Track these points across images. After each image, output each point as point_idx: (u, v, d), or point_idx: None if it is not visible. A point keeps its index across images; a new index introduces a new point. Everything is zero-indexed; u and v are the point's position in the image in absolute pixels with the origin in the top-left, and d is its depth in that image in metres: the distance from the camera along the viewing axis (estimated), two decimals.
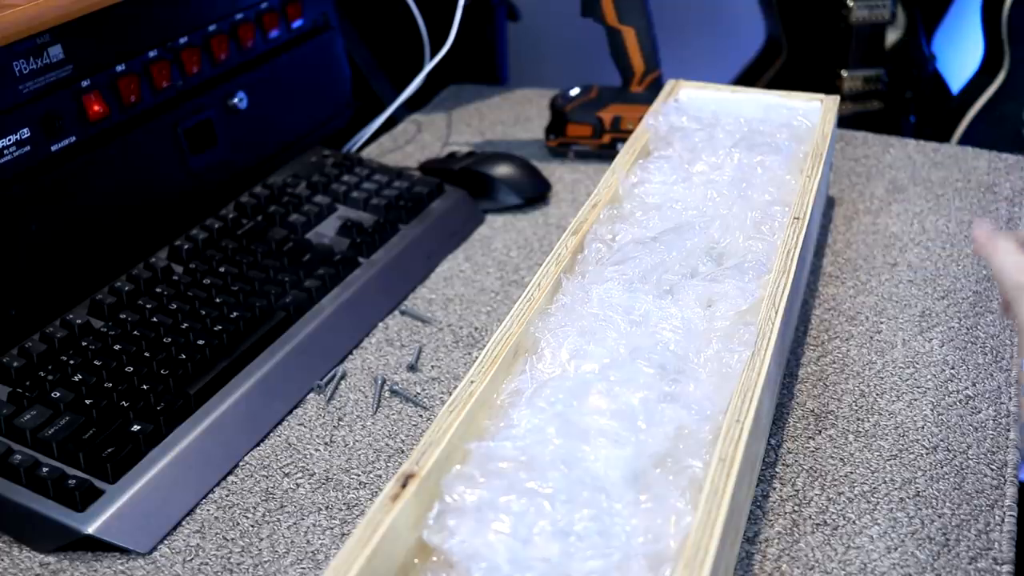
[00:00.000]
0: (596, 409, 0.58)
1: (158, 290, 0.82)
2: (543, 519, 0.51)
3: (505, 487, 0.53)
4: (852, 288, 0.87)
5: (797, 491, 0.66)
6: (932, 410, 0.73)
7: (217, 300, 0.81)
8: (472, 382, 0.60)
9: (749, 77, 1.79)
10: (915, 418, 0.72)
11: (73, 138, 0.82)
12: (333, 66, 1.10)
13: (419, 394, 0.77)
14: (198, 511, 0.68)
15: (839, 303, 0.85)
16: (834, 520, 0.64)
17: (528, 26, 1.46)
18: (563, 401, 0.58)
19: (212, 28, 0.93)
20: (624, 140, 0.91)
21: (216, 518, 0.67)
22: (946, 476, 0.67)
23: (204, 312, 0.79)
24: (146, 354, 0.74)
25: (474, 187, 1.02)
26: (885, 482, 0.67)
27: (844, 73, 1.69)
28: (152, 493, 0.67)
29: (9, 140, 0.76)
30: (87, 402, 0.70)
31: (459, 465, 0.55)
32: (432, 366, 0.80)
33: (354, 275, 0.87)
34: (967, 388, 0.75)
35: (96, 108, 0.83)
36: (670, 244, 0.71)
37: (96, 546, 0.64)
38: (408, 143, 1.18)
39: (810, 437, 0.71)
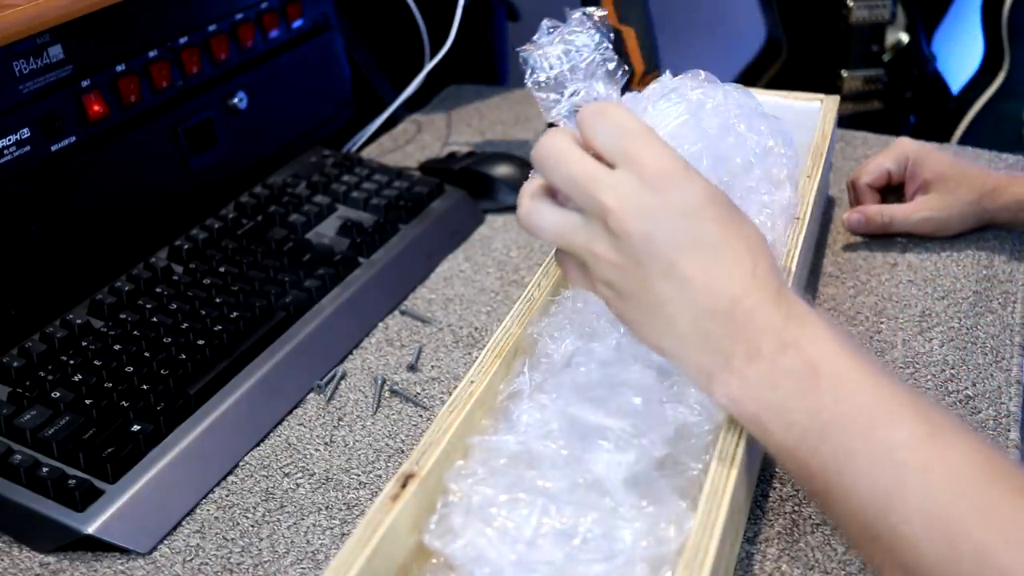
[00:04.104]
0: (597, 409, 0.58)
1: (158, 290, 0.82)
2: (546, 520, 0.51)
3: (507, 485, 0.53)
4: (852, 288, 0.87)
5: (797, 491, 0.66)
6: None
7: (217, 300, 0.81)
8: (472, 382, 0.60)
9: (749, 77, 1.79)
10: None
11: (73, 138, 0.82)
12: (333, 66, 1.10)
13: (419, 394, 0.77)
14: (198, 511, 0.68)
15: (839, 303, 0.85)
16: None
17: (528, 26, 1.46)
18: (563, 400, 0.58)
19: (212, 28, 0.93)
20: None
21: (216, 518, 0.67)
22: None
23: (204, 312, 0.79)
24: (146, 354, 0.74)
25: (474, 187, 1.02)
26: None
27: (844, 73, 1.69)
28: (152, 493, 0.67)
29: (9, 140, 0.76)
30: (87, 402, 0.70)
31: (461, 460, 0.55)
32: (432, 366, 0.80)
33: (354, 275, 0.87)
34: (967, 388, 0.75)
35: (96, 108, 0.83)
36: None
37: (96, 546, 0.64)
38: (408, 143, 1.18)
39: None
